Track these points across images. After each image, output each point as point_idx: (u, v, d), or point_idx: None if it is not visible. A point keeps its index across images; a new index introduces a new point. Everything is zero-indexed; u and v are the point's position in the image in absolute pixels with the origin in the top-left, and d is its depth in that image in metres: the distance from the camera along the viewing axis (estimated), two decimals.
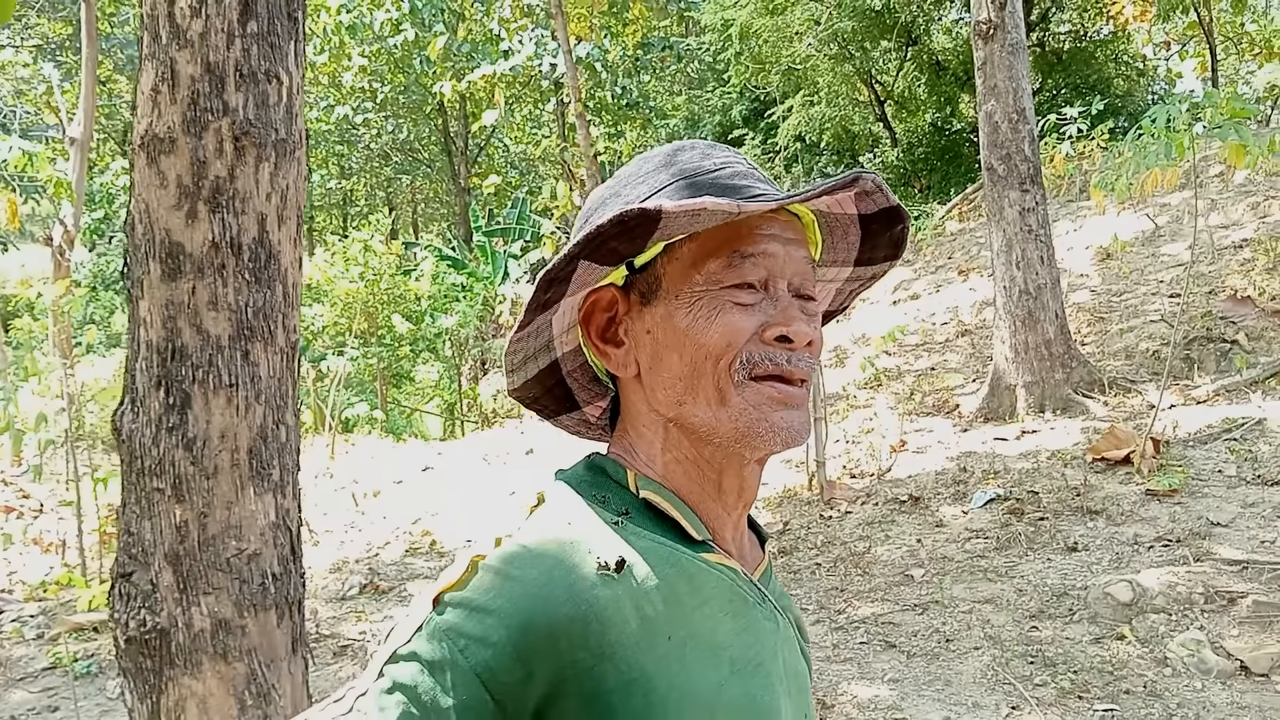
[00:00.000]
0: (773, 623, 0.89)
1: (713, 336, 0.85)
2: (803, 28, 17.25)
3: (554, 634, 0.73)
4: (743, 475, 0.90)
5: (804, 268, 0.89)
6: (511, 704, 0.73)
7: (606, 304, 0.91)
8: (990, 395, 7.34)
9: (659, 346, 0.88)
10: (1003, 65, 7.06)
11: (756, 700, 0.82)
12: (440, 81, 18.52)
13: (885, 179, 6.92)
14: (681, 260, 0.87)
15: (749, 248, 0.85)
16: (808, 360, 0.87)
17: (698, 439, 0.88)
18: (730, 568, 0.88)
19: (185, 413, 2.19)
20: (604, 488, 0.89)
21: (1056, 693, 3.83)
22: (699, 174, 0.88)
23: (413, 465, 9.84)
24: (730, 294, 0.85)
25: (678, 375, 0.86)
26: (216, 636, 2.23)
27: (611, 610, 0.76)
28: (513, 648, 0.73)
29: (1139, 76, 19.35)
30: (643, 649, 0.76)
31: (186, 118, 2.16)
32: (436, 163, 28.30)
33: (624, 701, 0.74)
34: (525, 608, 0.74)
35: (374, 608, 5.53)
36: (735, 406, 0.85)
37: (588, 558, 0.78)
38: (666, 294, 0.87)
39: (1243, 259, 8.48)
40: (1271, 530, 4.82)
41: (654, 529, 0.86)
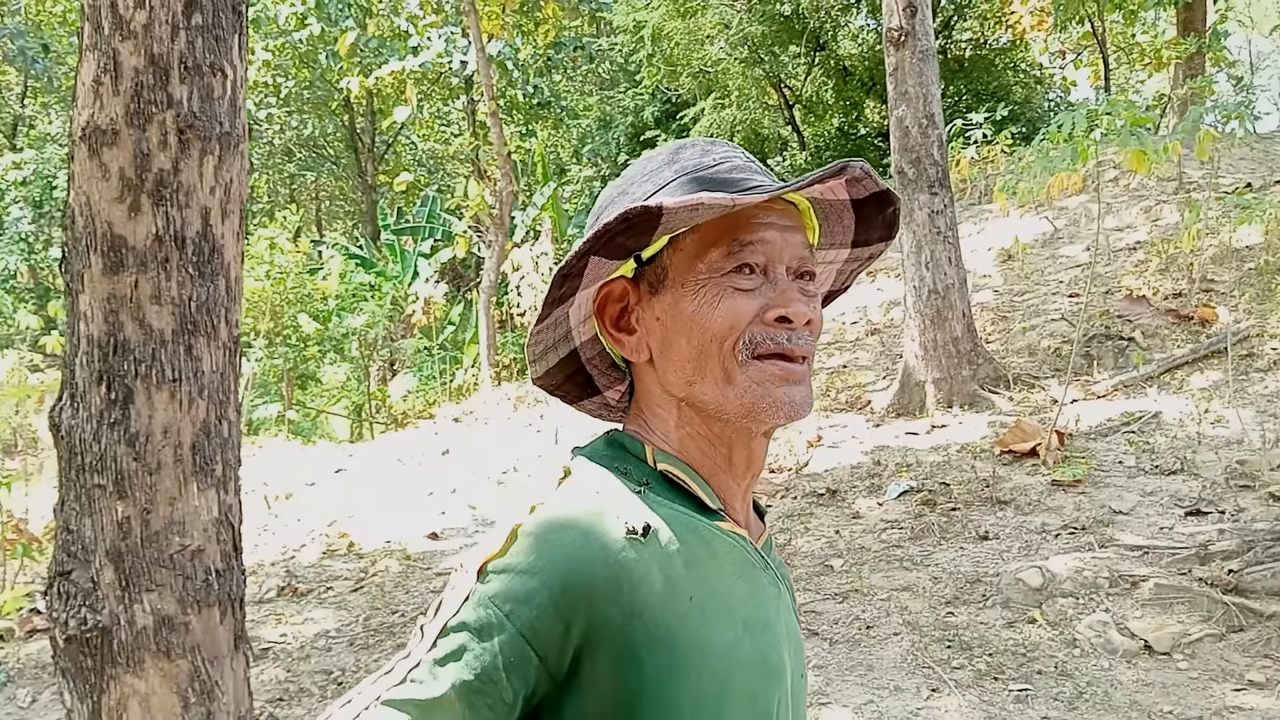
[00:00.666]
0: (775, 588, 0.97)
1: (717, 320, 0.91)
2: (714, 31, 17.47)
3: (591, 592, 0.80)
4: (751, 448, 0.97)
5: (802, 251, 0.95)
6: (553, 658, 0.80)
7: (619, 295, 0.98)
8: (901, 391, 7.56)
9: (668, 332, 0.94)
10: (913, 72, 7.28)
11: (766, 657, 0.89)
12: (347, 77, 18.24)
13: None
14: (686, 251, 0.93)
15: (747, 236, 0.92)
16: (807, 338, 0.94)
17: (708, 416, 0.94)
18: (741, 535, 0.95)
19: (127, 408, 2.16)
20: (624, 461, 0.94)
21: (973, 675, 3.98)
22: (700, 169, 0.95)
23: (324, 467, 9.69)
24: (731, 280, 0.92)
25: (687, 358, 0.93)
26: (159, 634, 2.20)
27: (640, 571, 0.82)
28: (554, 606, 0.79)
29: (1036, 84, 20.06)
30: (667, 608, 0.82)
31: (130, 110, 2.14)
32: (342, 159, 27.86)
33: (651, 656, 0.81)
34: (564, 568, 0.80)
35: (293, 610, 5.46)
36: (740, 384, 0.91)
37: (617, 523, 0.84)
38: (673, 283, 0.94)
39: (1137, 260, 8.87)
40: (1169, 517, 5.08)
41: (672, 498, 0.92)
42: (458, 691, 0.77)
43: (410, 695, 0.77)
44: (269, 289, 14.87)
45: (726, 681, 0.85)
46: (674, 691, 0.81)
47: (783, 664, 0.92)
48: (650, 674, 0.81)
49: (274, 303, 14.95)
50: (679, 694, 0.82)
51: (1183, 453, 5.69)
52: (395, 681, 0.78)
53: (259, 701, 4.28)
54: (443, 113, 26.09)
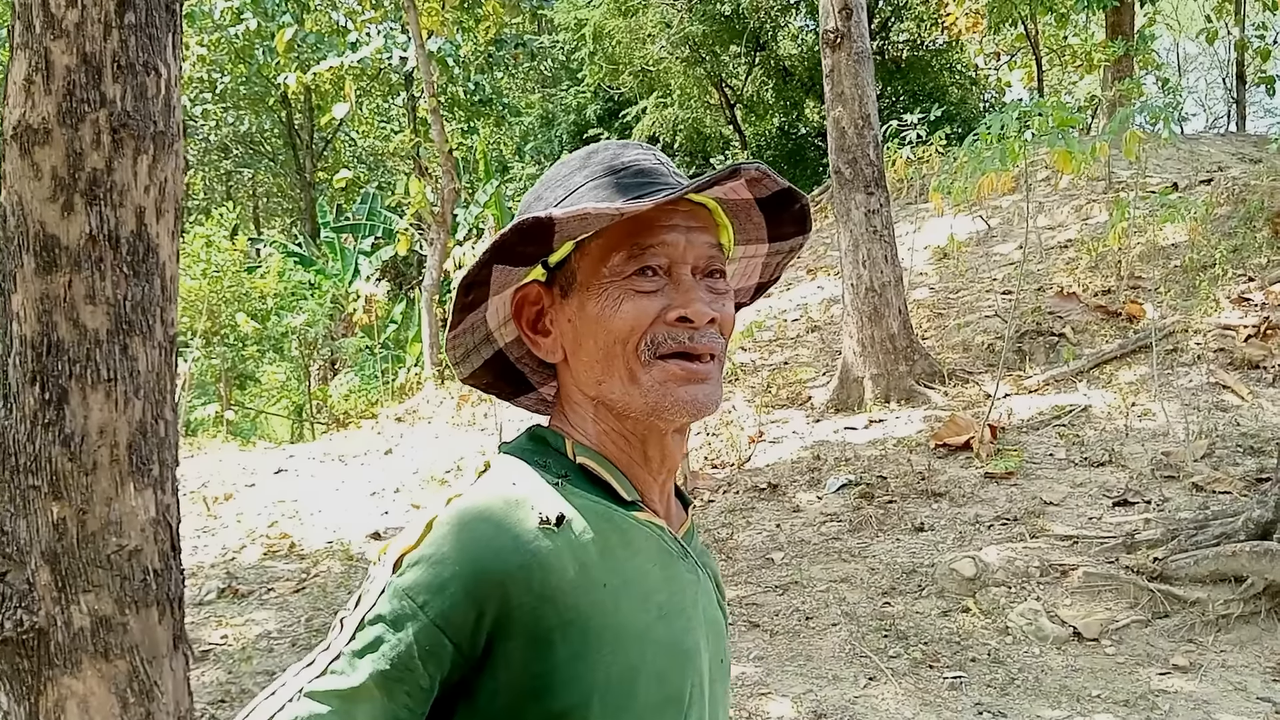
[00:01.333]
0: (694, 575, 1.00)
1: (618, 322, 0.94)
2: (655, 30, 17.53)
3: (503, 579, 0.83)
4: (663, 443, 1.00)
5: (709, 251, 0.98)
6: (467, 644, 0.83)
7: (534, 298, 1.01)
8: (840, 387, 7.67)
9: (578, 334, 0.97)
10: (849, 73, 7.39)
11: (679, 641, 0.93)
12: (285, 73, 18.01)
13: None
14: (591, 255, 0.96)
15: (647, 239, 0.94)
16: (712, 336, 0.96)
17: (619, 414, 0.97)
18: (657, 524, 0.98)
19: (62, 408, 2.15)
20: (545, 454, 0.98)
21: (909, 663, 4.08)
22: (610, 172, 0.98)
23: (264, 468, 9.58)
24: (633, 282, 0.94)
25: (595, 358, 0.96)
26: (97, 634, 2.19)
27: (552, 559, 0.85)
28: (465, 594, 0.82)
29: (971, 85, 20.41)
30: (580, 593, 0.86)
31: (62, 109, 2.12)
32: (280, 156, 27.50)
33: (563, 639, 0.84)
34: (476, 556, 0.83)
35: (234, 612, 5.41)
36: (644, 384, 0.94)
37: (531, 513, 0.87)
38: (581, 286, 0.97)
39: (1068, 258, 9.10)
40: (1098, 507, 5.23)
41: (590, 490, 0.95)
42: (375, 681, 0.80)
43: (331, 686, 0.80)
44: (205, 287, 14.64)
45: (638, 663, 0.88)
46: (586, 672, 0.85)
47: (697, 648, 0.95)
48: (562, 656, 0.84)
49: (211, 302, 14.72)
50: (591, 675, 0.85)
51: (1111, 445, 5.86)
52: (317, 673, 0.82)
53: (201, 703, 4.24)
54: (383, 109, 25.87)
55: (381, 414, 12.38)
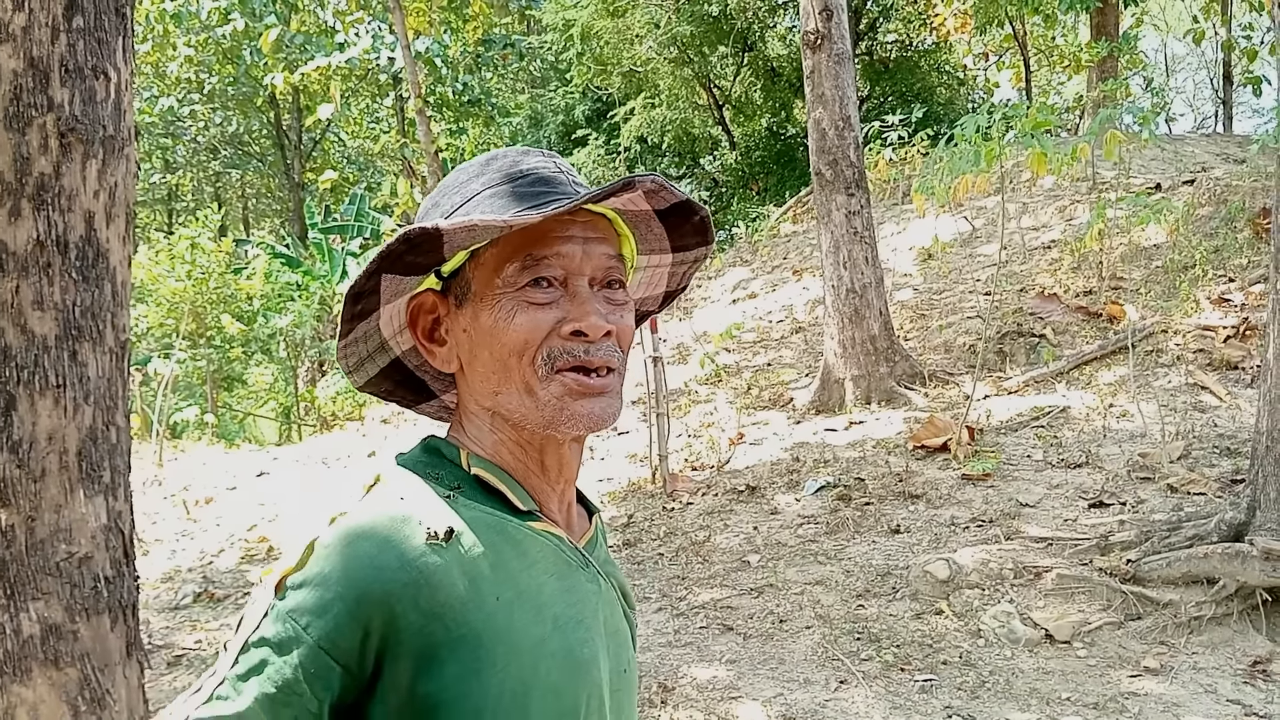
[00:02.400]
0: (595, 585, 0.99)
1: (512, 335, 0.93)
2: (643, 31, 17.52)
3: (387, 599, 0.82)
4: (561, 454, 0.99)
5: (607, 262, 0.97)
6: (354, 665, 0.82)
7: (429, 307, 1.00)
8: (821, 389, 7.67)
9: (473, 344, 0.96)
10: (829, 75, 7.39)
11: (575, 652, 0.92)
12: (272, 73, 17.97)
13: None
14: (485, 265, 0.95)
15: (541, 250, 0.93)
16: (609, 348, 0.95)
17: (515, 425, 0.96)
18: (555, 534, 0.97)
19: (10, 415, 2.13)
20: (439, 466, 0.97)
21: (881, 666, 4.08)
22: (508, 179, 0.97)
23: (247, 471, 9.55)
24: (526, 294, 0.93)
25: (490, 369, 0.95)
26: (47, 642, 2.17)
27: (440, 575, 0.85)
28: (349, 615, 0.81)
29: (960, 85, 20.43)
30: (471, 608, 0.85)
31: (8, 113, 2.10)
32: (268, 157, 27.44)
33: (453, 655, 0.83)
34: (359, 577, 0.82)
35: (209, 616, 5.39)
36: (540, 398, 0.93)
37: (418, 529, 0.86)
38: (475, 296, 0.95)
39: (1050, 259, 9.11)
40: (1074, 509, 5.24)
41: (484, 501, 0.94)
42: (261, 705, 0.79)
43: (216, 712, 0.79)
44: (190, 289, 14.60)
45: (532, 678, 0.87)
46: (479, 688, 0.84)
47: (594, 659, 0.94)
48: (452, 673, 0.83)
49: (196, 303, 14.68)
50: (484, 691, 0.84)
51: (1088, 446, 5.87)
52: (202, 700, 0.81)
53: None
54: (371, 110, 25.84)
55: (368, 415, 12.37)
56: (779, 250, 12.75)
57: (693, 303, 12.02)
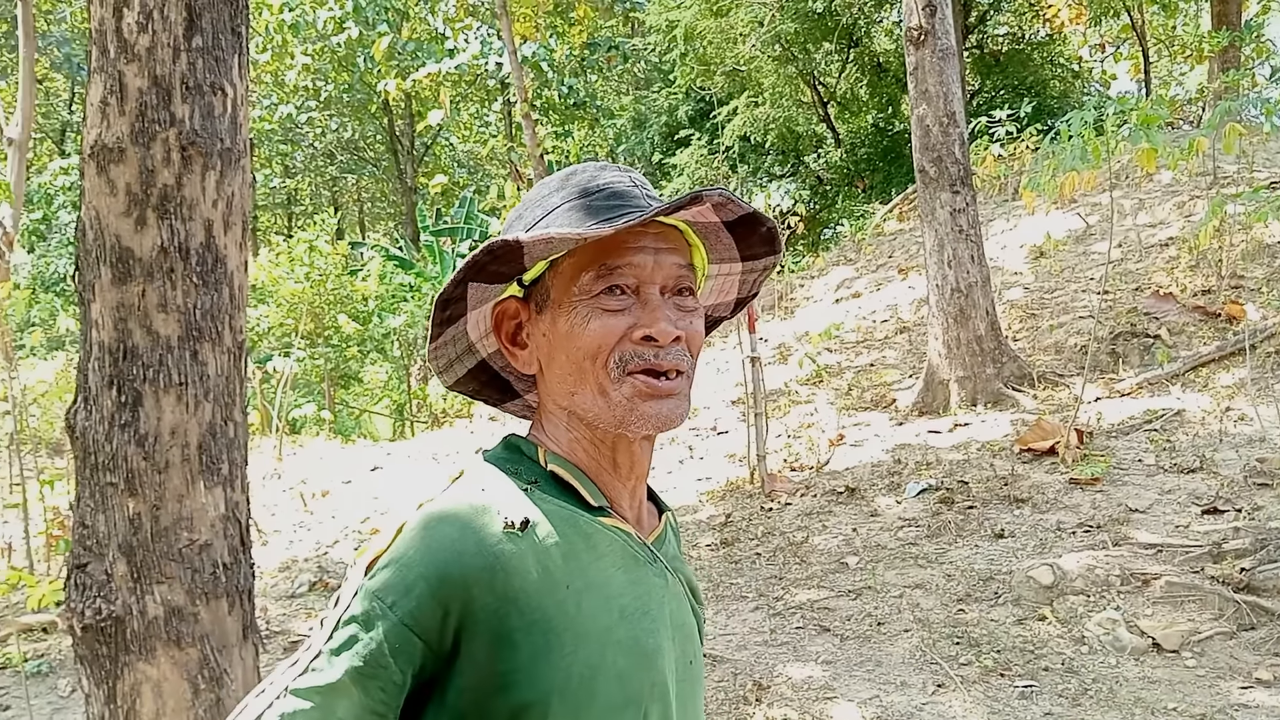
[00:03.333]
0: (662, 579, 1.05)
1: (587, 339, 0.99)
2: (746, 29, 17.46)
3: (465, 581, 0.89)
4: (632, 452, 1.05)
5: (677, 270, 1.03)
6: (434, 641, 0.89)
7: (512, 313, 1.07)
8: (925, 390, 7.57)
9: (551, 348, 1.03)
10: (933, 70, 7.29)
11: (640, 642, 0.97)
12: (385, 80, 18.49)
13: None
14: (564, 274, 1.01)
15: (615, 260, 0.99)
16: (678, 353, 1.01)
17: (589, 424, 1.03)
18: (624, 530, 1.03)
19: (137, 410, 2.28)
20: (518, 462, 1.04)
21: (980, 671, 4.02)
22: (584, 194, 1.03)
23: (361, 465, 9.87)
24: (600, 301, 0.99)
25: (567, 372, 1.02)
26: (170, 623, 2.32)
27: (515, 562, 0.91)
28: (430, 594, 0.88)
29: (1074, 78, 19.81)
30: (543, 595, 0.91)
31: (135, 128, 2.26)
32: (382, 162, 28.20)
33: (526, 638, 0.90)
34: (440, 560, 0.89)
35: (324, 604, 5.60)
36: (613, 398, 1.00)
37: (496, 518, 0.93)
38: (554, 303, 1.02)
39: (1168, 257, 8.80)
40: (1186, 515, 5.07)
41: (559, 497, 1.01)
42: (351, 677, 0.87)
43: (311, 683, 0.87)
44: (309, 290, 15.12)
45: (599, 663, 0.93)
46: (547, 671, 0.90)
47: (659, 649, 0.99)
48: (524, 655, 0.90)
49: (314, 304, 15.20)
50: (553, 673, 0.90)
51: (1203, 450, 5.67)
52: (299, 671, 0.89)
53: None
54: (480, 114, 26.33)
55: (476, 413, 12.63)
56: (884, 249, 12.59)
57: (795, 302, 11.96)
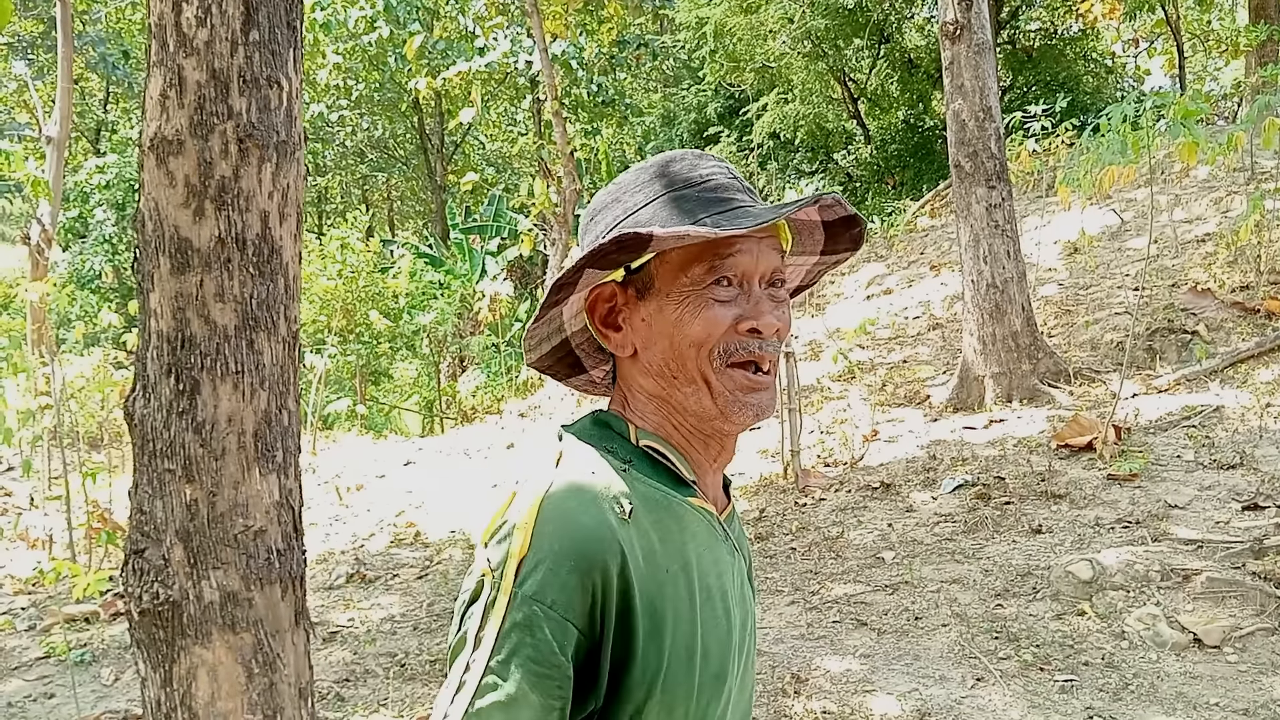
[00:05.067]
0: (732, 557, 1.11)
1: (696, 328, 1.02)
2: (776, 26, 17.44)
3: (604, 567, 0.93)
4: (724, 441, 1.09)
5: (775, 262, 1.07)
6: (588, 629, 0.93)
7: (608, 296, 1.09)
8: (959, 386, 7.54)
9: (653, 334, 1.05)
10: (969, 65, 7.26)
11: (722, 620, 1.04)
12: (415, 78, 18.59)
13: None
14: (671, 264, 1.04)
15: (726, 252, 1.03)
16: (775, 345, 1.05)
17: (686, 413, 1.06)
18: (708, 510, 1.08)
19: (195, 398, 2.32)
20: (610, 440, 1.07)
21: (1019, 665, 4.01)
22: (687, 185, 1.06)
23: (394, 460, 9.95)
24: (711, 291, 1.03)
25: (669, 358, 1.04)
26: (225, 608, 2.36)
27: (629, 547, 0.95)
28: (580, 586, 0.92)
29: (1108, 74, 19.66)
30: (649, 578, 0.96)
31: (193, 121, 2.30)
32: (413, 160, 28.35)
33: (640, 619, 0.95)
34: (581, 551, 0.92)
35: (361, 596, 5.66)
36: (715, 388, 1.03)
37: (612, 504, 0.97)
38: (659, 291, 1.05)
39: (1205, 253, 8.72)
40: (1226, 511, 5.03)
41: (652, 474, 1.05)
42: (529, 683, 0.90)
43: (493, 699, 0.90)
44: (341, 287, 15.24)
45: (693, 643, 0.98)
46: (657, 650, 0.95)
47: (734, 625, 1.05)
48: (641, 635, 0.94)
49: (346, 300, 15.32)
50: (661, 652, 0.95)
51: (1242, 447, 5.62)
52: (472, 693, 0.91)
53: (328, 681, 4.47)
54: (509, 113, 26.41)
55: (505, 409, 12.70)
56: (915, 245, 12.54)
57: (825, 299, 11.94)
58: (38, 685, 4.68)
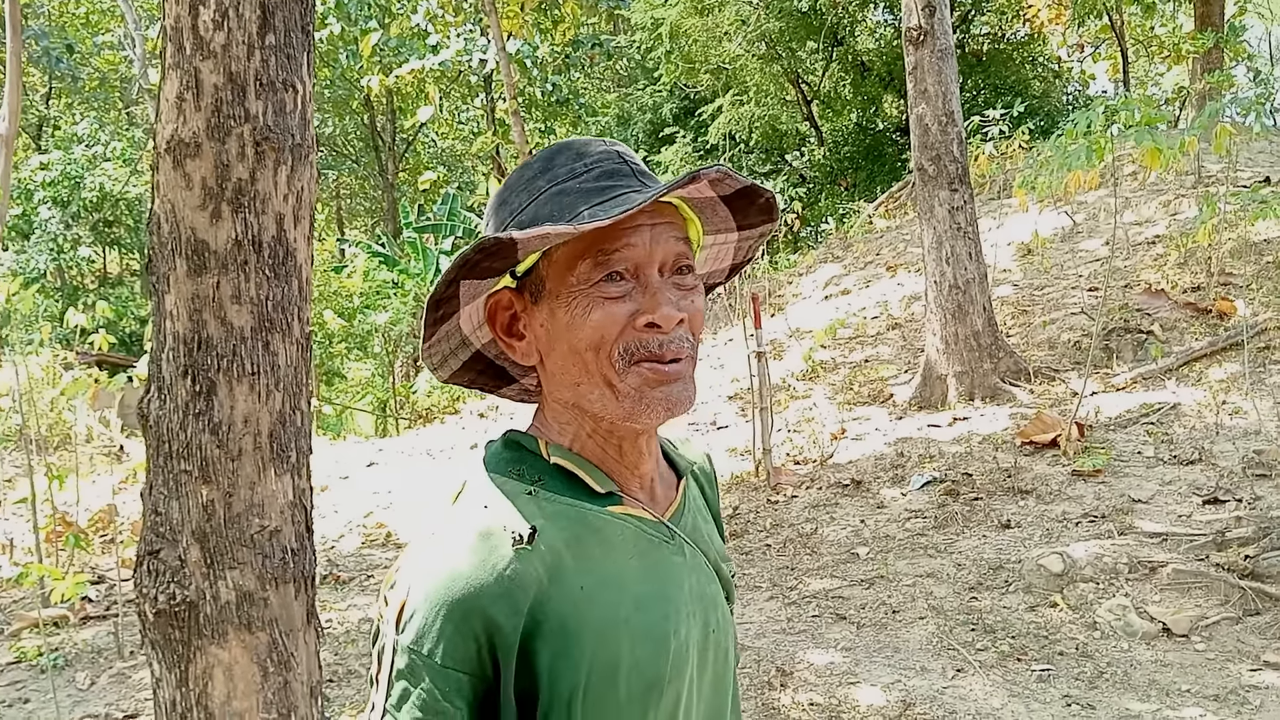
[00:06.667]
0: (680, 555, 1.06)
1: (588, 331, 0.96)
2: (731, 28, 17.58)
3: (485, 611, 0.90)
4: (638, 443, 1.04)
5: (676, 247, 0.99)
6: (477, 672, 0.91)
7: (506, 303, 1.04)
8: (923, 385, 7.69)
9: (551, 339, 1.00)
10: (932, 70, 7.40)
11: (657, 627, 0.99)
12: (368, 76, 18.44)
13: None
14: (558, 263, 0.98)
15: (612, 245, 0.96)
16: (681, 337, 0.98)
17: (597, 418, 1.01)
18: (636, 516, 1.03)
19: (211, 399, 2.33)
20: (520, 460, 1.03)
21: (997, 656, 4.13)
22: (571, 176, 1.00)
23: (356, 461, 9.89)
24: (600, 289, 0.96)
25: (569, 363, 0.99)
26: (241, 608, 2.37)
27: (529, 577, 0.92)
28: (458, 632, 0.90)
29: (1054, 78, 20.08)
30: (557, 600, 0.93)
31: (210, 124, 2.30)
32: (363, 158, 28.11)
33: (545, 644, 0.92)
34: (459, 597, 0.90)
35: (336, 598, 5.65)
36: (620, 390, 0.97)
37: (505, 536, 0.94)
38: (550, 294, 0.99)
39: (1156, 254, 8.97)
40: (1188, 505, 5.20)
41: (565, 490, 1.01)
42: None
43: None
44: None
45: (617, 657, 0.95)
46: (569, 670, 0.92)
47: (675, 630, 1.00)
48: (544, 659, 0.92)
49: None
50: (574, 672, 0.93)
51: (1200, 443, 5.81)
52: None
53: None
54: (458, 111, 26.29)
55: (464, 409, 12.66)
56: (872, 247, 12.72)
57: (784, 299, 12.07)
58: (11, 691, 4.61)
